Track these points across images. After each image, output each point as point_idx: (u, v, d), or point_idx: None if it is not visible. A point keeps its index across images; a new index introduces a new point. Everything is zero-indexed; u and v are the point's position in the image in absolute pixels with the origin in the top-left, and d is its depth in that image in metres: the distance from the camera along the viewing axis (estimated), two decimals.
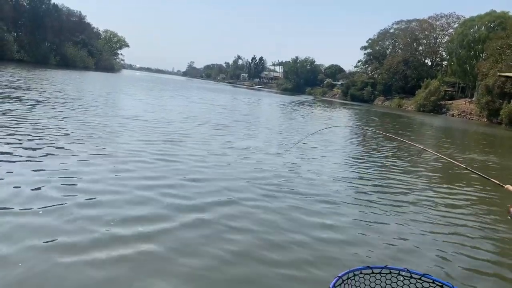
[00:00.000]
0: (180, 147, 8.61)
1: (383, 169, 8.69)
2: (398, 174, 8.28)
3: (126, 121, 11.69)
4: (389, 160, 9.81)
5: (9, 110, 10.74)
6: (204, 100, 28.68)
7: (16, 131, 8.06)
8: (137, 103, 19.25)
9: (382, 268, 2.03)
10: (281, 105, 36.55)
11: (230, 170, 7.02)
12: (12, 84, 18.94)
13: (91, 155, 6.87)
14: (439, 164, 9.52)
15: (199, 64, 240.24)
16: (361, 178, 7.63)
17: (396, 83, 76.39)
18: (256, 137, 12.09)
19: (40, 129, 8.63)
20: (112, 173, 5.90)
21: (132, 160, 6.88)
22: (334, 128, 17.29)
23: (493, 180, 2.63)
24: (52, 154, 6.59)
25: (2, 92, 14.79)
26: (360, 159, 9.82)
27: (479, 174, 2.81)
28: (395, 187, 7.14)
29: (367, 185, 7.00)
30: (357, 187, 6.88)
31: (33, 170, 5.56)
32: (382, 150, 11.49)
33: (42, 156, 6.42)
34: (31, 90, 17.51)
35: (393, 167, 8.85)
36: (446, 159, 3.33)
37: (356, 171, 8.34)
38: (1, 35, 61.22)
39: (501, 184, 2.46)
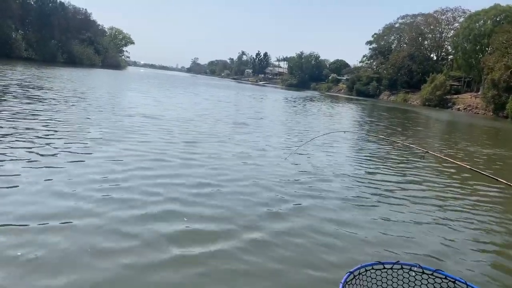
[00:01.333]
0: (203, 148, 8.77)
1: (392, 170, 8.66)
2: (406, 175, 8.16)
3: (147, 120, 12.00)
4: (396, 161, 9.70)
5: (33, 110, 11.09)
6: (214, 97, 29.13)
7: (45, 133, 8.31)
8: (152, 101, 19.59)
9: (393, 263, 2.02)
10: (290, 101, 36.85)
11: (257, 172, 7.20)
12: (26, 83, 19.45)
13: (122, 156, 7.12)
14: (447, 165, 9.29)
15: (203, 61, 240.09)
16: (372, 178, 7.71)
17: (401, 78, 76.47)
18: (275, 135, 12.37)
19: (66, 129, 8.91)
20: (145, 175, 6.13)
21: (161, 161, 7.07)
22: (345, 128, 17.72)
23: (502, 180, 2.61)
24: (82, 156, 6.83)
25: (21, 92, 15.28)
26: (369, 160, 9.78)
27: (488, 176, 2.80)
28: (404, 188, 7.16)
29: (377, 186, 7.14)
30: (369, 187, 7.00)
31: (66, 171, 5.81)
32: (390, 151, 11.51)
33: (73, 157, 6.66)
34: (44, 88, 17.98)
35: (401, 169, 8.74)
36: (454, 162, 3.22)
37: (368, 172, 8.43)
38: (9, 33, 61.95)
39: (510, 184, 2.47)
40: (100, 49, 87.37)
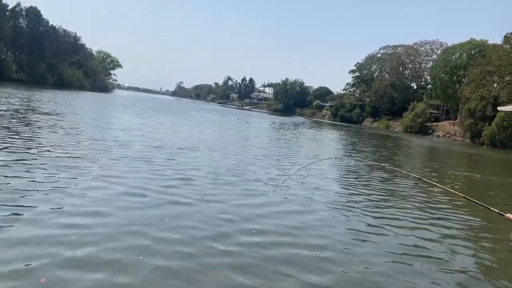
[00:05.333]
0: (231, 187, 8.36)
1: (381, 198, 8.27)
2: (396, 203, 7.80)
3: (174, 151, 11.83)
4: (387, 188, 9.26)
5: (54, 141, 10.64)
6: (215, 123, 30.76)
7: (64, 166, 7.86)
8: (162, 127, 19.86)
9: None
10: (286, 127, 38.11)
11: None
12: (39, 109, 20.32)
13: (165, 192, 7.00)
14: (438, 193, 8.73)
15: (188, 84, 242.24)
16: (363, 206, 7.60)
17: (383, 105, 79.88)
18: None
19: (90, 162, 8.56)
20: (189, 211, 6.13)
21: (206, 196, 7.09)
22: (336, 153, 19.23)
23: (493, 209, 2.54)
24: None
25: (31, 120, 15.74)
26: (362, 186, 9.37)
27: (480, 204, 2.72)
28: (393, 216, 6.98)
29: (367, 213, 7.06)
30: (360, 215, 6.94)
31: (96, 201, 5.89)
32: (380, 178, 10.98)
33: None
34: (51, 113, 18.93)
35: (391, 197, 8.33)
36: (446, 189, 3.09)
37: (361, 198, 8.28)
38: (0, 55, 62.39)
39: (501, 213, 2.40)
40: (89, 72, 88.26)
